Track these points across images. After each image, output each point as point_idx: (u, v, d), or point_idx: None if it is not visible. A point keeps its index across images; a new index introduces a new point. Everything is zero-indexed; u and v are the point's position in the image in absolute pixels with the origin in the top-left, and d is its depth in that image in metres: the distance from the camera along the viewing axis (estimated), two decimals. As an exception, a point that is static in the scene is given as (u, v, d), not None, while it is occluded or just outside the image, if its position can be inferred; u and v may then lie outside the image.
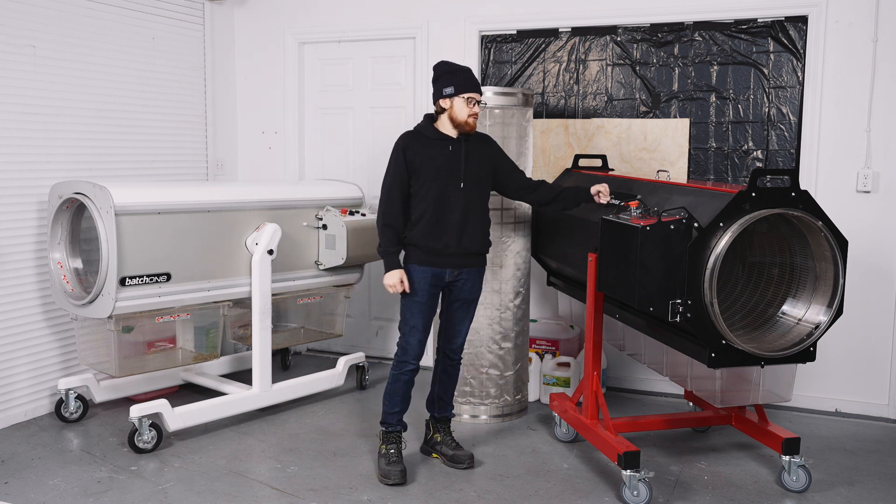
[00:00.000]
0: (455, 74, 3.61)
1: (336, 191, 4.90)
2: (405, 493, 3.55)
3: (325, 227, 4.69)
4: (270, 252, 4.34)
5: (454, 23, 5.21)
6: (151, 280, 3.97)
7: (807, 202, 3.15)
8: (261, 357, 4.38)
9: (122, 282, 3.85)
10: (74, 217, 4.14)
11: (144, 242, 3.93)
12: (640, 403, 4.83)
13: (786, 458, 3.58)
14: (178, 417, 4.02)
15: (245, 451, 4.00)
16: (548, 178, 4.91)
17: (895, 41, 4.39)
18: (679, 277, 3.10)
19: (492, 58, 5.23)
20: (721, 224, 3.07)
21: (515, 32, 5.16)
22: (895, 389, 4.55)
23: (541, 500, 3.50)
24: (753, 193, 3.09)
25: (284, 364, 5.43)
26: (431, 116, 3.72)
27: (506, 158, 3.85)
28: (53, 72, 4.43)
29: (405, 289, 3.62)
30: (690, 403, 4.35)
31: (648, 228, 3.11)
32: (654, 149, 4.87)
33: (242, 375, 4.82)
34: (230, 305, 4.39)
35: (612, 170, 4.59)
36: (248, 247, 4.35)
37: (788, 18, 4.59)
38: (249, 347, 4.76)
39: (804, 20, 4.55)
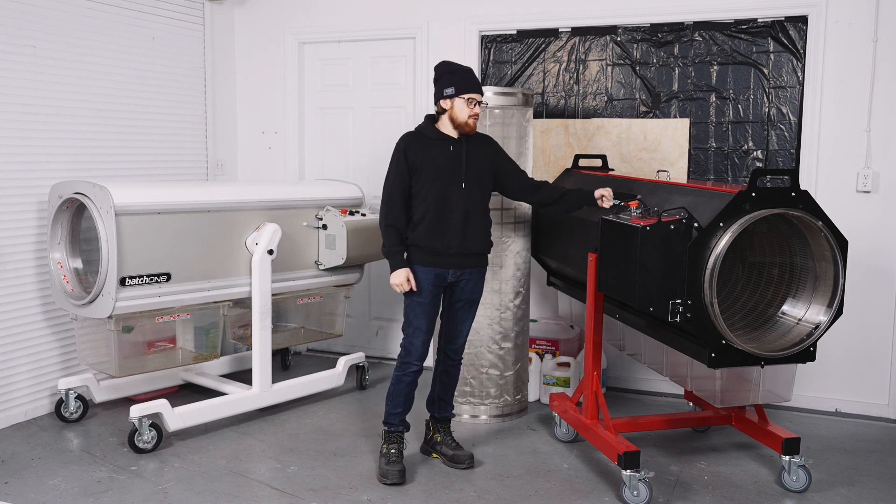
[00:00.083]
0: (456, 75, 3.61)
1: (336, 191, 4.90)
2: (405, 493, 3.54)
3: (325, 227, 4.69)
4: (270, 252, 4.34)
5: (454, 23, 5.21)
6: (151, 280, 3.97)
7: (807, 202, 3.15)
8: (261, 357, 4.38)
9: (122, 282, 3.85)
10: (74, 217, 4.14)
11: (144, 242, 3.93)
12: (640, 403, 4.83)
13: (786, 458, 3.58)
14: (178, 417, 4.02)
15: (245, 451, 4.00)
16: (548, 178, 4.90)
17: (895, 41, 4.39)
18: (679, 277, 3.10)
19: (492, 58, 5.23)
20: (721, 224, 3.07)
21: (515, 32, 5.16)
22: (895, 389, 4.55)
23: (541, 500, 3.50)
24: (753, 193, 3.09)
25: (284, 364, 5.43)
26: (432, 117, 3.71)
27: (507, 158, 3.85)
28: (53, 72, 4.43)
29: (412, 287, 3.62)
30: (690, 403, 4.35)
31: (648, 228, 3.11)
32: (654, 149, 4.87)
33: (242, 375, 4.82)
34: (230, 305, 4.39)
35: (612, 170, 4.59)
36: (248, 247, 4.35)
37: (788, 18, 4.59)
38: (249, 347, 4.76)
39: (804, 20, 4.55)
